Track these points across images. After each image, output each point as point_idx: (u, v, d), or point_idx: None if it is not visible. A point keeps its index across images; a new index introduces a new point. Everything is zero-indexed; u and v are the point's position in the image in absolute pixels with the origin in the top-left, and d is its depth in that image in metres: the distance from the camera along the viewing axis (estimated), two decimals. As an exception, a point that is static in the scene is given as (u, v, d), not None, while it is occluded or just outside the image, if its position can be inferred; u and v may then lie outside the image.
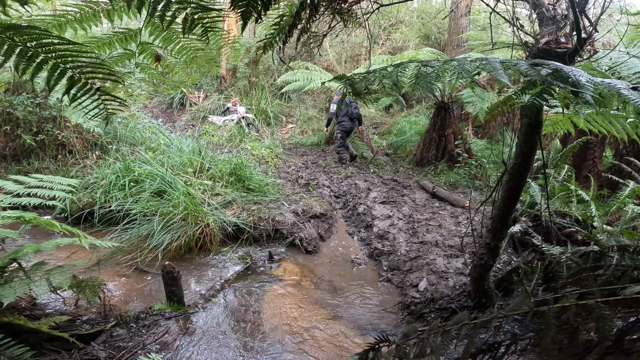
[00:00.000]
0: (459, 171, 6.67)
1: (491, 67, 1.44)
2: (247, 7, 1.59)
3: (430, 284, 3.27)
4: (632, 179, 4.08)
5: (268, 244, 4.34)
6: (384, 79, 1.72)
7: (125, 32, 2.41)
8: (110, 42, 2.45)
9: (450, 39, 10.73)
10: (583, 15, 2.22)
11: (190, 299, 3.04)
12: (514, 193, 2.48)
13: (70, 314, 2.57)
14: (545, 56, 2.29)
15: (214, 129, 8.75)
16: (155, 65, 2.61)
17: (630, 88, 1.35)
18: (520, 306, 1.80)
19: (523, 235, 3.55)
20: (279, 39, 2.49)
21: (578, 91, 1.29)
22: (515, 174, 2.41)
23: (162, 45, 2.48)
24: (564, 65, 2.11)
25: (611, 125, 3.10)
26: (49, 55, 1.55)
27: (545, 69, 1.42)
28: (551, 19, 2.33)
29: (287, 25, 2.39)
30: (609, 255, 2.56)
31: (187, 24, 1.76)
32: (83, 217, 4.36)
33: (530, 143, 2.33)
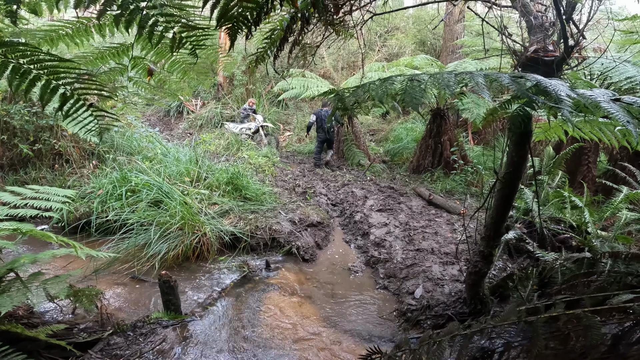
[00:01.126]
0: (455, 178, 6.72)
1: (474, 82, 1.48)
2: (233, 26, 1.61)
3: (426, 291, 3.29)
4: (626, 185, 4.13)
5: (265, 252, 4.34)
6: (371, 94, 1.75)
7: (118, 46, 2.43)
8: (102, 56, 2.47)
9: (445, 45, 10.84)
10: (571, 22, 2.24)
11: (187, 307, 3.04)
12: (506, 202, 2.51)
13: (67, 322, 2.58)
14: (534, 65, 2.33)
15: (235, 137, 8.73)
16: (148, 79, 2.64)
17: (612, 100, 1.38)
18: (509, 316, 1.83)
19: (518, 242, 3.58)
20: (271, 52, 2.53)
21: (557, 106, 1.32)
22: (506, 183, 2.43)
23: (154, 60, 2.50)
24: (549, 75, 2.15)
25: (602, 132, 3.15)
26: (41, 71, 1.57)
27: (529, 81, 1.45)
28: (540, 27, 2.37)
29: (278, 38, 2.43)
30: (602, 262, 2.59)
31: (175, 42, 1.79)
32: (80, 226, 4.36)
33: (521, 152, 2.35)
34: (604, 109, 1.35)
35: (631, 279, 2.22)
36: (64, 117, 1.70)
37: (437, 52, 13.44)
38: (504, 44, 2.48)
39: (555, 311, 2.11)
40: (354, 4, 2.62)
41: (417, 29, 14.47)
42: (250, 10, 1.58)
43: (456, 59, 9.43)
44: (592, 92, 1.50)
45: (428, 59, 7.41)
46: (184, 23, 1.78)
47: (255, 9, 1.59)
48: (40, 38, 2.21)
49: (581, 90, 1.47)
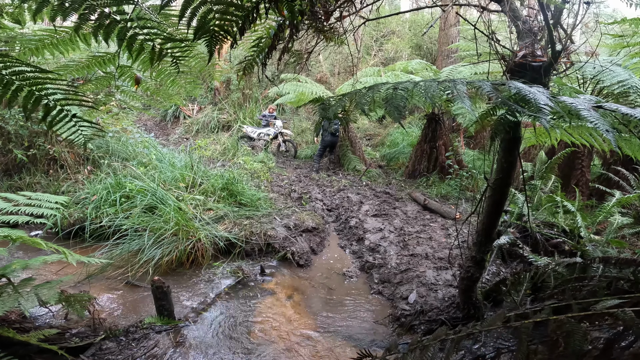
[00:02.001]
0: (450, 183, 6.74)
1: (456, 90, 1.49)
2: (211, 38, 1.60)
3: (420, 296, 3.29)
4: (619, 188, 4.16)
5: (260, 258, 4.33)
6: (357, 103, 1.76)
7: (103, 55, 2.43)
8: (88, 65, 2.46)
9: (440, 49, 10.89)
10: (559, 27, 2.24)
11: (181, 312, 3.03)
12: (496, 207, 2.52)
13: (59, 327, 2.57)
14: (522, 70, 2.34)
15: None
16: (136, 88, 2.64)
17: (593, 107, 1.40)
18: (495, 321, 1.83)
19: (511, 247, 3.59)
20: (260, 60, 2.53)
21: (536, 115, 1.33)
22: (496, 189, 2.45)
23: (141, 69, 2.48)
24: (537, 81, 2.17)
25: (592, 137, 3.18)
26: (23, 82, 1.57)
27: (511, 89, 1.46)
28: (528, 32, 2.38)
29: (266, 46, 2.43)
30: (593, 266, 2.60)
31: (154, 54, 1.78)
32: (74, 232, 4.34)
33: (510, 158, 2.36)
34: (583, 117, 1.36)
35: (622, 283, 2.23)
36: (47, 127, 1.70)
37: (433, 56, 13.47)
38: (492, 49, 2.49)
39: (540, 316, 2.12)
40: (344, 10, 2.62)
41: (413, 33, 14.51)
42: (235, 20, 1.58)
43: (451, 63, 9.45)
44: (573, 100, 1.50)
45: (423, 64, 7.45)
46: (163, 36, 1.79)
47: (240, 18, 1.59)
48: (25, 47, 2.20)
49: (562, 98, 1.48)
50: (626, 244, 3.19)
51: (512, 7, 2.32)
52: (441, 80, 1.63)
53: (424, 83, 1.68)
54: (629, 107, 3.61)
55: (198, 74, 2.86)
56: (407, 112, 5.99)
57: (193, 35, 1.58)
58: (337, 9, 2.46)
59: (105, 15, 1.61)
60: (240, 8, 1.55)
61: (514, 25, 2.40)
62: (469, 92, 1.55)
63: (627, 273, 2.31)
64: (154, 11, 2.08)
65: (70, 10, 1.57)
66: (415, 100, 6.01)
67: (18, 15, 1.97)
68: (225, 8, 1.52)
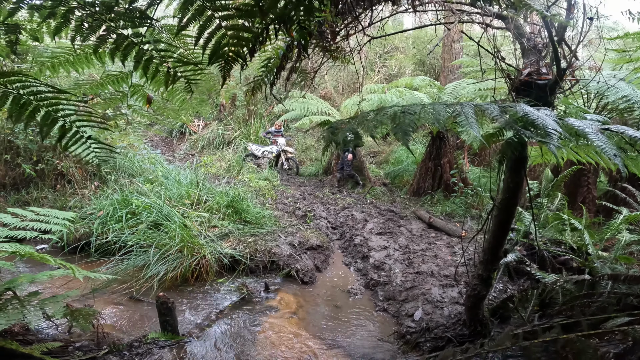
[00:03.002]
0: (455, 200, 6.72)
1: (464, 114, 1.50)
2: (225, 62, 1.64)
3: (426, 313, 3.24)
4: (626, 205, 4.13)
5: (264, 275, 4.31)
6: (364, 127, 1.77)
7: (117, 74, 2.47)
8: (102, 83, 2.51)
9: (444, 65, 10.96)
10: (563, 43, 2.23)
11: (184, 328, 3.01)
12: (503, 227, 2.50)
13: (63, 340, 2.56)
14: (527, 88, 2.35)
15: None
16: (147, 107, 2.68)
17: (601, 129, 1.41)
18: (504, 341, 1.81)
19: (518, 264, 3.56)
20: (268, 80, 2.58)
21: (544, 141, 1.34)
22: (503, 209, 2.43)
23: (153, 88, 2.53)
24: (543, 99, 2.18)
25: (598, 155, 3.16)
26: (41, 103, 1.58)
27: (519, 111, 1.48)
28: (533, 49, 2.38)
29: (274, 67, 2.48)
30: (602, 283, 2.57)
31: (169, 77, 1.81)
32: (80, 247, 4.36)
33: (516, 179, 2.35)
34: (591, 140, 1.36)
35: (632, 299, 2.20)
36: (62, 149, 1.71)
37: (436, 72, 13.53)
38: (497, 67, 2.49)
39: (550, 335, 2.08)
40: (350, 29, 2.69)
41: (417, 50, 14.60)
42: (246, 42, 1.61)
43: (455, 79, 9.47)
44: (581, 123, 1.51)
45: (427, 80, 7.52)
46: (177, 58, 1.82)
47: (251, 40, 1.62)
48: (42, 65, 2.26)
49: (570, 121, 1.48)
50: (634, 260, 3.15)
51: (516, 24, 2.33)
52: (449, 104, 1.64)
53: (432, 107, 1.68)
54: (634, 124, 3.63)
55: (207, 92, 2.92)
56: (413, 136, 6.02)
57: (208, 60, 1.60)
58: (344, 29, 2.52)
59: (123, 37, 1.65)
60: (252, 31, 1.59)
61: (519, 43, 2.41)
62: (477, 116, 1.56)
63: (637, 289, 2.28)
64: (166, 31, 2.15)
65: (89, 32, 1.62)
66: (423, 122, 6.07)
67: (37, 32, 2.05)
68: (238, 33, 1.56)
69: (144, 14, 1.57)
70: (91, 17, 1.56)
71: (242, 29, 1.58)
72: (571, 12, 1.95)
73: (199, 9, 1.44)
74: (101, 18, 1.57)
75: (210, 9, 1.44)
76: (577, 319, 2.17)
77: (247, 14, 1.47)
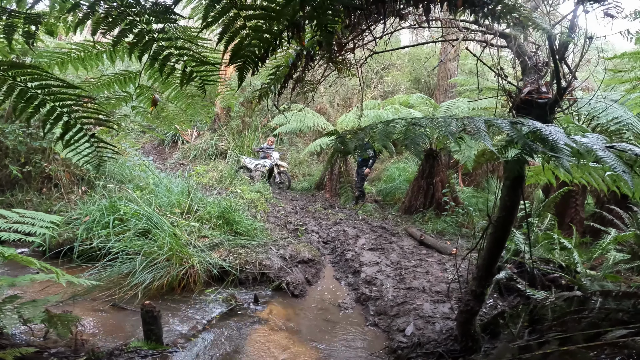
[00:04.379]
0: (446, 219, 6.75)
1: (476, 128, 1.50)
2: (244, 63, 1.62)
3: (417, 328, 3.20)
4: (614, 227, 4.18)
5: (254, 286, 4.23)
6: (373, 138, 1.78)
7: (125, 74, 2.43)
8: (109, 83, 2.46)
9: (439, 84, 11.07)
10: (563, 63, 2.25)
11: (169, 338, 2.91)
12: (498, 244, 2.49)
13: (38, 346, 2.43)
14: (527, 107, 2.36)
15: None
16: (152, 109, 2.64)
17: (606, 147, 1.42)
18: (503, 354, 1.79)
19: (508, 281, 3.55)
20: (275, 88, 2.59)
21: (556, 156, 1.33)
22: (499, 226, 2.42)
23: (160, 90, 2.48)
24: (542, 118, 2.20)
25: (591, 177, 3.21)
26: (47, 97, 1.53)
27: (526, 127, 1.47)
28: (533, 67, 2.38)
29: (282, 75, 2.49)
30: (592, 300, 2.58)
31: (185, 76, 1.78)
32: (62, 252, 4.24)
33: (513, 197, 2.35)
34: (600, 157, 1.36)
35: (622, 315, 2.20)
36: (64, 146, 1.63)
37: (431, 90, 13.59)
38: (499, 85, 2.47)
39: (549, 348, 2.06)
40: (357, 42, 2.73)
41: (413, 67, 14.77)
42: (259, 47, 1.60)
43: (450, 97, 9.59)
44: (588, 140, 1.51)
45: (423, 98, 7.66)
46: (195, 57, 1.78)
47: (264, 46, 1.61)
48: (51, 60, 2.20)
49: (577, 138, 1.48)
50: (621, 278, 3.18)
51: (518, 42, 2.35)
52: (459, 118, 1.64)
53: (443, 119, 1.69)
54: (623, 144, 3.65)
55: (213, 97, 2.89)
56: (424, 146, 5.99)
57: (229, 60, 1.58)
58: (351, 41, 2.55)
59: (145, 32, 1.61)
60: (272, 33, 1.57)
61: (520, 62, 2.45)
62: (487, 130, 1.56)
63: (627, 305, 2.28)
64: (181, 32, 2.14)
65: (115, 24, 1.56)
66: (434, 134, 6.12)
67: (52, 25, 2.00)
68: (260, 34, 1.54)
69: (170, 9, 1.55)
70: (116, 9, 1.52)
71: (264, 30, 1.56)
72: (573, 32, 2.00)
73: (225, 7, 1.43)
74: (126, 12, 1.53)
75: (237, 8, 1.43)
76: (570, 333, 2.16)
77: (278, 14, 1.45)
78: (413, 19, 2.33)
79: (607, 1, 1.54)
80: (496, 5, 1.52)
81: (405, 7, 1.80)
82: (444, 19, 2.51)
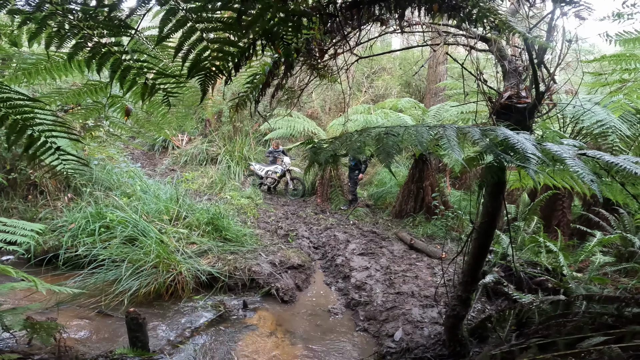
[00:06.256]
0: (436, 223, 6.77)
1: (446, 137, 1.51)
2: (205, 76, 1.58)
3: (406, 333, 3.19)
4: (600, 229, 4.23)
5: (243, 293, 4.20)
6: (348, 147, 1.77)
7: (96, 84, 2.38)
8: (80, 93, 2.42)
9: (429, 87, 11.07)
10: (542, 66, 2.26)
11: (156, 345, 2.87)
12: (482, 250, 2.51)
13: (21, 353, 2.40)
14: (507, 112, 2.38)
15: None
16: (126, 119, 2.59)
17: (578, 154, 1.44)
18: (486, 360, 1.79)
19: (496, 285, 3.57)
20: (253, 97, 2.56)
21: (523, 165, 1.36)
22: (482, 232, 2.44)
23: (133, 100, 2.43)
24: (521, 123, 2.22)
25: (573, 180, 3.24)
26: (9, 110, 1.49)
27: (499, 135, 1.49)
28: (514, 72, 2.39)
29: (260, 83, 2.46)
30: (576, 303, 2.61)
31: (147, 89, 1.73)
32: (47, 260, 4.17)
33: (495, 203, 2.37)
34: (568, 165, 1.38)
35: (607, 319, 2.22)
36: (28, 160, 1.60)
37: (421, 94, 13.50)
38: (479, 89, 2.47)
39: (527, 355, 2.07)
40: (338, 48, 2.72)
41: (403, 71, 14.68)
42: (230, 56, 1.57)
43: (439, 101, 9.56)
44: (559, 148, 1.53)
45: (412, 102, 7.65)
46: (157, 70, 1.76)
47: (236, 55, 1.58)
48: (18, 70, 2.17)
49: (548, 145, 1.50)
50: (608, 281, 3.21)
51: (498, 46, 2.36)
52: (432, 126, 1.64)
53: (415, 129, 1.69)
54: (607, 149, 3.68)
55: (190, 106, 2.86)
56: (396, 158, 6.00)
57: (187, 73, 1.54)
58: (332, 47, 2.55)
59: (100, 45, 1.58)
60: (237, 45, 1.55)
61: (500, 65, 2.47)
62: (459, 139, 1.56)
63: (612, 309, 2.31)
64: (151, 42, 2.11)
65: (66, 38, 1.54)
66: (406, 144, 6.15)
67: (16, 37, 1.98)
68: (221, 46, 1.52)
69: (124, 23, 1.52)
70: (69, 23, 1.50)
71: (226, 42, 1.53)
72: (551, 35, 2.02)
73: (182, 19, 1.39)
74: (79, 25, 1.51)
75: (192, 21, 1.40)
76: (553, 338, 2.17)
77: (229, 27, 1.44)
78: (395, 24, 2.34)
79: (578, 3, 1.56)
80: (472, 9, 1.54)
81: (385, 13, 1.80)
82: (426, 24, 2.52)
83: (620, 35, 3.17)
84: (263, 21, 1.39)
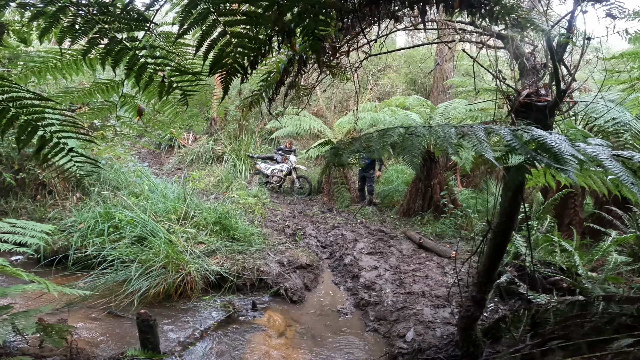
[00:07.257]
0: (445, 221, 6.71)
1: (476, 138, 1.44)
2: (227, 73, 1.50)
3: (418, 334, 3.15)
4: (613, 227, 4.15)
5: (252, 293, 4.19)
6: (369, 148, 1.71)
7: (107, 82, 2.32)
8: (90, 92, 2.35)
9: (435, 85, 10.94)
10: (562, 64, 2.19)
11: (166, 346, 2.86)
12: (498, 250, 2.46)
13: (33, 355, 2.40)
14: (526, 110, 2.30)
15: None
16: (137, 119, 2.52)
17: (612, 156, 1.38)
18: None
19: (509, 285, 3.52)
20: (266, 95, 2.52)
21: (562, 168, 1.29)
22: (499, 232, 2.39)
23: (145, 99, 2.36)
24: (542, 122, 2.15)
25: (591, 179, 3.16)
26: (20, 110, 1.44)
27: (528, 135, 1.42)
28: (532, 69, 2.32)
29: (274, 81, 2.41)
30: (595, 304, 2.55)
31: (164, 87, 1.67)
32: (57, 260, 4.19)
33: (513, 203, 2.31)
34: (607, 167, 1.32)
35: (625, 319, 2.17)
36: (40, 162, 1.56)
37: (427, 91, 13.42)
38: (498, 87, 2.41)
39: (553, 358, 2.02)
40: (351, 46, 2.68)
41: (409, 69, 14.57)
42: (247, 53, 1.50)
43: (446, 98, 9.42)
44: (594, 149, 1.47)
45: (419, 100, 7.56)
46: (174, 67, 1.68)
47: (253, 52, 1.51)
48: (27, 68, 2.12)
49: (583, 147, 1.44)
50: (623, 280, 3.14)
51: (516, 43, 2.30)
52: (458, 126, 1.58)
53: (442, 129, 1.61)
54: (619, 146, 3.58)
55: (200, 105, 2.82)
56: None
57: (209, 70, 1.46)
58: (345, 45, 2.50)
59: (116, 41, 1.51)
60: (257, 41, 1.47)
61: (518, 63, 2.40)
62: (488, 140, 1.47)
63: (631, 310, 2.25)
64: (164, 39, 2.07)
65: (81, 33, 1.48)
66: (435, 147, 6.04)
67: (25, 34, 1.94)
68: (243, 41, 1.43)
69: (142, 16, 1.46)
70: (83, 17, 1.44)
71: (248, 37, 1.45)
72: (571, 33, 1.96)
73: (203, 13, 1.31)
74: (94, 19, 1.44)
75: (215, 14, 1.31)
76: (572, 340, 2.12)
77: (253, 22, 1.35)
78: (408, 21, 2.29)
79: (609, 1, 1.50)
80: (494, 6, 1.48)
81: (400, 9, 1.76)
82: (439, 21, 2.47)
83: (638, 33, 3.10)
84: (295, 15, 1.31)
